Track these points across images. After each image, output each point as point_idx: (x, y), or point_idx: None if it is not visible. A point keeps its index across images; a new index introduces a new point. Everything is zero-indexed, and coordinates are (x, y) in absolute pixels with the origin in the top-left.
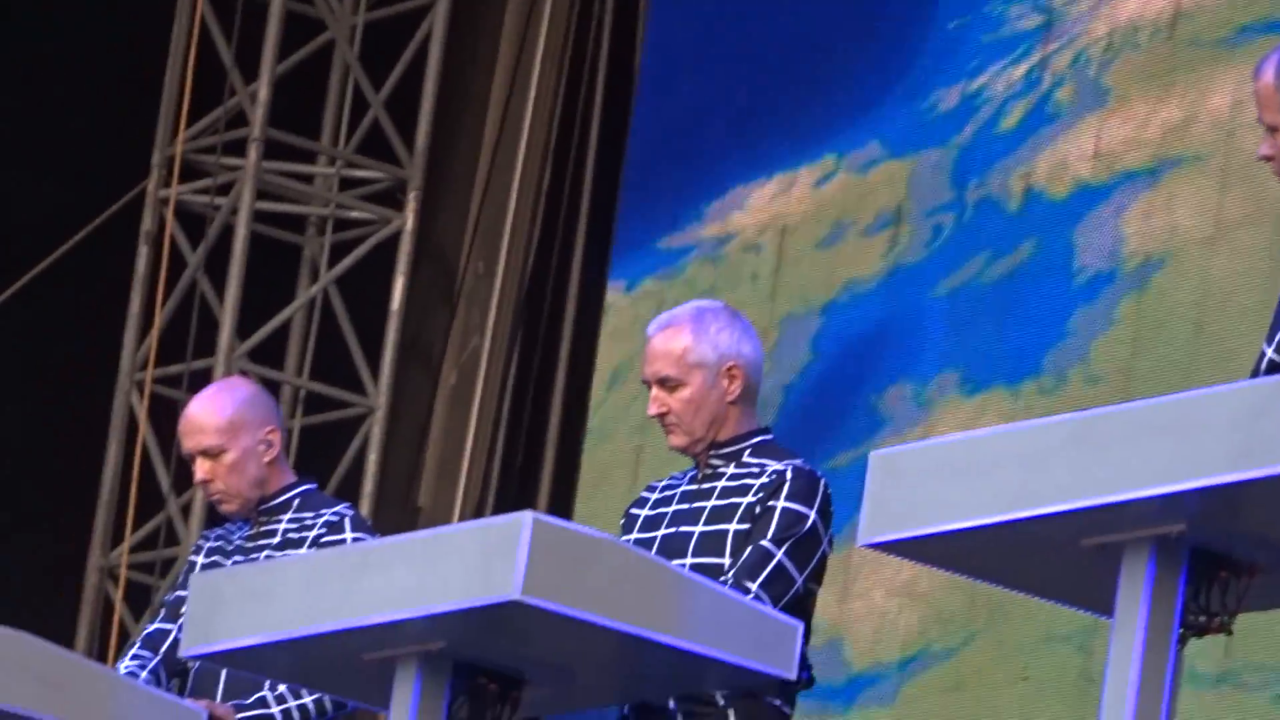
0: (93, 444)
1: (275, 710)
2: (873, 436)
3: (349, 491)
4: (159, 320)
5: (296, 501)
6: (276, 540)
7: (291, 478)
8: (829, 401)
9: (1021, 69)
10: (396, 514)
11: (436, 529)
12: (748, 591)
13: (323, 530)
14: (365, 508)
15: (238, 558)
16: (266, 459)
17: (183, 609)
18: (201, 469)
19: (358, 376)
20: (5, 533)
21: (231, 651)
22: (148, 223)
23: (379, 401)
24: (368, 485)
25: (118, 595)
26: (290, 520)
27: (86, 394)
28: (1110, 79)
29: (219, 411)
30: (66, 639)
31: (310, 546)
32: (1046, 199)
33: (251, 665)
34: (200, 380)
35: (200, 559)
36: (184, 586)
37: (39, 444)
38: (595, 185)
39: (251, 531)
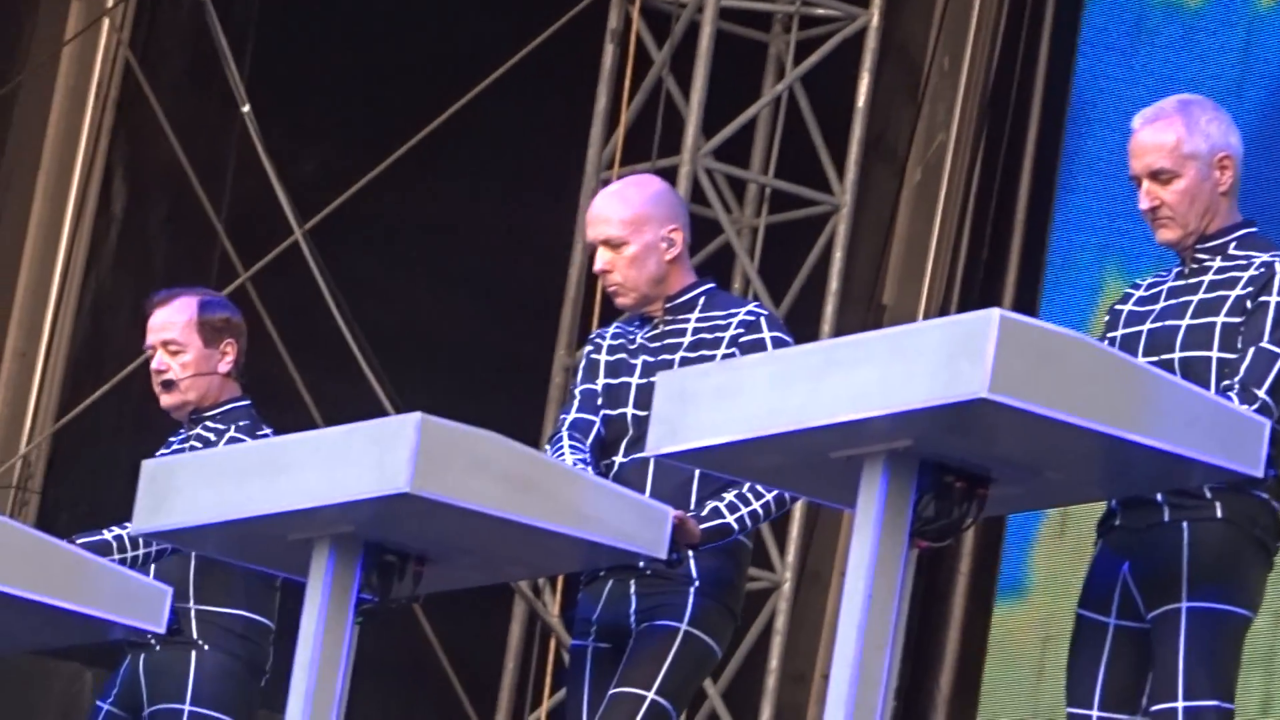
0: (559, 243)
1: (730, 519)
2: None
3: (814, 289)
4: (624, 118)
5: (702, 300)
6: (687, 340)
7: (693, 277)
8: None
9: None
10: (861, 312)
11: (902, 327)
12: (1256, 399)
13: (740, 330)
14: (830, 306)
15: (645, 357)
16: (668, 256)
17: (598, 401)
18: (602, 259)
19: (823, 174)
20: (475, 330)
21: (700, 451)
22: (614, 21)
23: (844, 199)
24: (832, 283)
25: None
26: (699, 319)
27: (554, 192)
28: None
29: (625, 204)
30: (532, 437)
31: (728, 346)
32: None
33: (722, 464)
34: (665, 178)
35: (603, 356)
36: (586, 380)
37: (507, 241)
38: None
39: (656, 331)
